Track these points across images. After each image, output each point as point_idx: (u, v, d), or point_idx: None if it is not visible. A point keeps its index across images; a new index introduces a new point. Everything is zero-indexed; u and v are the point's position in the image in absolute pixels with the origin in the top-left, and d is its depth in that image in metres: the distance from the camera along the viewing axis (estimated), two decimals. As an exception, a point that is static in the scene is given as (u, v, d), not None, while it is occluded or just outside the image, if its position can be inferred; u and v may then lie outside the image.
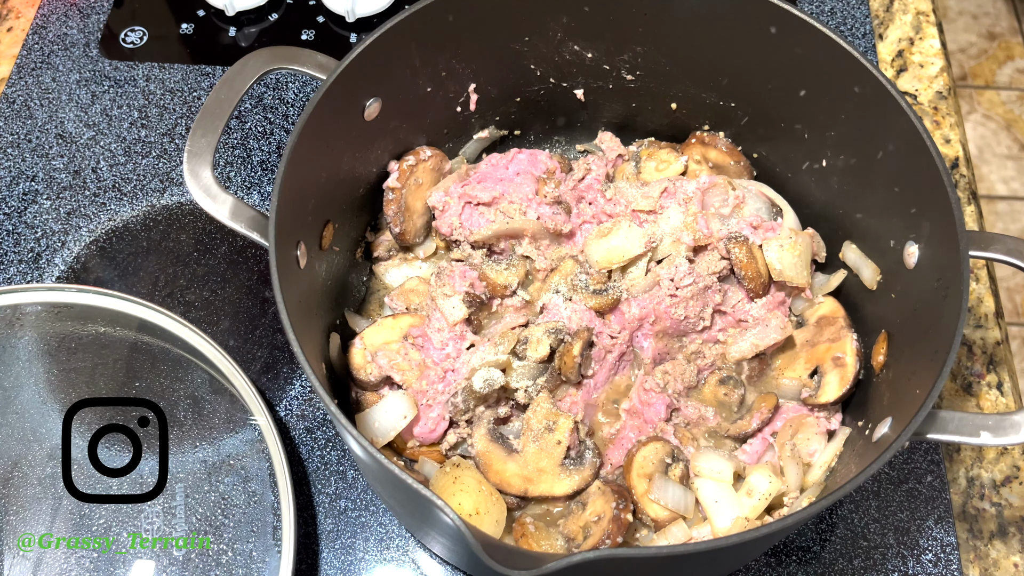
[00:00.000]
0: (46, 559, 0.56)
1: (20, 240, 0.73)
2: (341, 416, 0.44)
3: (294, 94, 0.82)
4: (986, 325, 0.71)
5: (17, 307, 0.64)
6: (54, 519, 0.57)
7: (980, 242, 0.53)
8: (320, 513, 0.62)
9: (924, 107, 0.83)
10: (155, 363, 0.63)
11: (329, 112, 0.55)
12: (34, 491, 0.58)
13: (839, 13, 0.87)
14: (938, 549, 0.61)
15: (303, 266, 0.55)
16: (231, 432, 0.61)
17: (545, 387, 0.58)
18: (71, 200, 0.75)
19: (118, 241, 0.74)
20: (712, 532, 0.56)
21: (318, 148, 0.56)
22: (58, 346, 0.64)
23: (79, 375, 0.63)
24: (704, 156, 0.69)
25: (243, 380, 0.60)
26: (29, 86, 0.81)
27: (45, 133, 0.79)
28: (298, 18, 0.86)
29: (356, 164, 0.62)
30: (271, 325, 0.70)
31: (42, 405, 0.61)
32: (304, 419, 0.66)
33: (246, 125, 0.80)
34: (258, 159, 0.78)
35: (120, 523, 0.57)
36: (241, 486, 0.59)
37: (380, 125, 0.61)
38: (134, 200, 0.76)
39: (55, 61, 0.83)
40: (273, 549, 0.56)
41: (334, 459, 0.64)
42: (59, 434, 0.60)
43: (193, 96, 0.81)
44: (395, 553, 0.61)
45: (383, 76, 0.59)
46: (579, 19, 0.64)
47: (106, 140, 0.78)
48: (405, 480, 0.43)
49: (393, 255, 0.68)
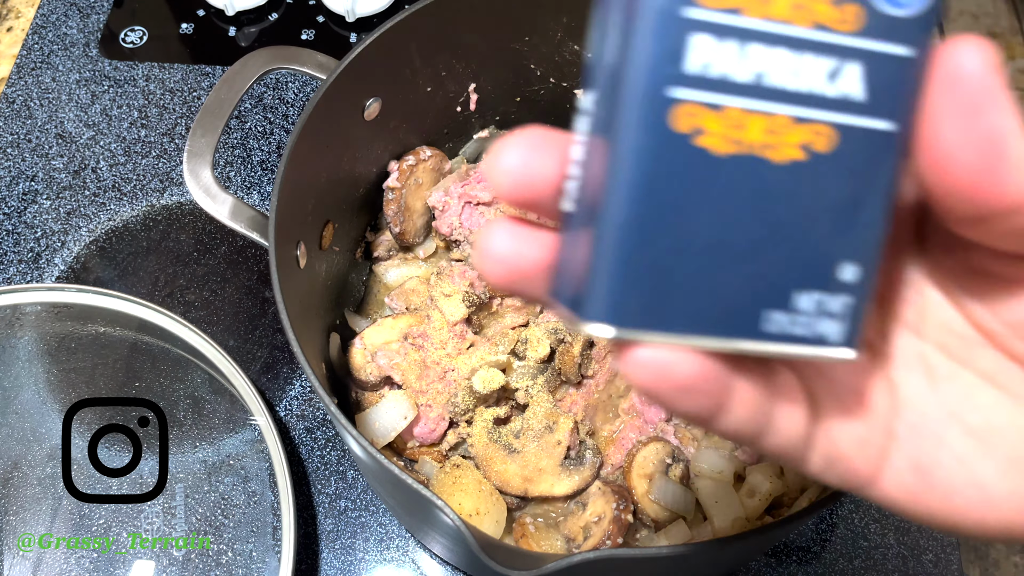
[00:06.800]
0: (46, 559, 0.56)
1: (20, 240, 0.73)
2: (341, 416, 0.44)
3: (294, 94, 0.81)
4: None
5: (17, 307, 0.64)
6: (54, 519, 0.57)
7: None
8: (320, 513, 0.62)
9: (925, 107, 0.82)
10: (155, 363, 0.63)
11: (329, 112, 0.55)
12: (34, 491, 0.58)
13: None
14: (938, 549, 0.61)
15: (303, 266, 0.55)
16: (231, 432, 0.61)
17: (545, 387, 0.58)
18: (71, 200, 0.75)
19: (118, 241, 0.73)
20: (712, 532, 0.56)
21: (318, 148, 0.56)
22: (58, 346, 0.64)
23: (79, 375, 0.62)
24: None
25: (243, 380, 0.60)
26: (29, 86, 0.81)
27: (45, 133, 0.79)
28: (298, 18, 0.86)
29: (356, 164, 0.62)
30: (271, 325, 0.69)
31: (42, 405, 0.61)
32: (304, 419, 0.65)
33: (246, 125, 0.79)
34: (258, 159, 0.78)
35: (120, 523, 0.57)
36: (241, 486, 0.59)
37: (380, 125, 0.61)
38: (134, 200, 0.76)
39: (55, 61, 0.83)
40: (273, 549, 0.56)
41: (334, 459, 0.64)
42: (59, 434, 0.60)
43: (193, 96, 0.81)
44: (395, 553, 0.61)
45: (383, 76, 0.59)
46: (580, 19, 0.64)
47: (106, 140, 0.78)
48: (405, 480, 0.43)
49: (393, 255, 0.68)
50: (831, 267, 0.20)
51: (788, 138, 0.18)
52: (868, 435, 0.22)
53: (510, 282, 0.21)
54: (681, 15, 0.17)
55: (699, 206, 0.18)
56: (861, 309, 0.20)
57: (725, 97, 0.18)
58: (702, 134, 0.18)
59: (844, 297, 0.20)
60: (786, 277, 0.19)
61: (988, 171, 0.18)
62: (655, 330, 0.19)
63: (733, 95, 0.18)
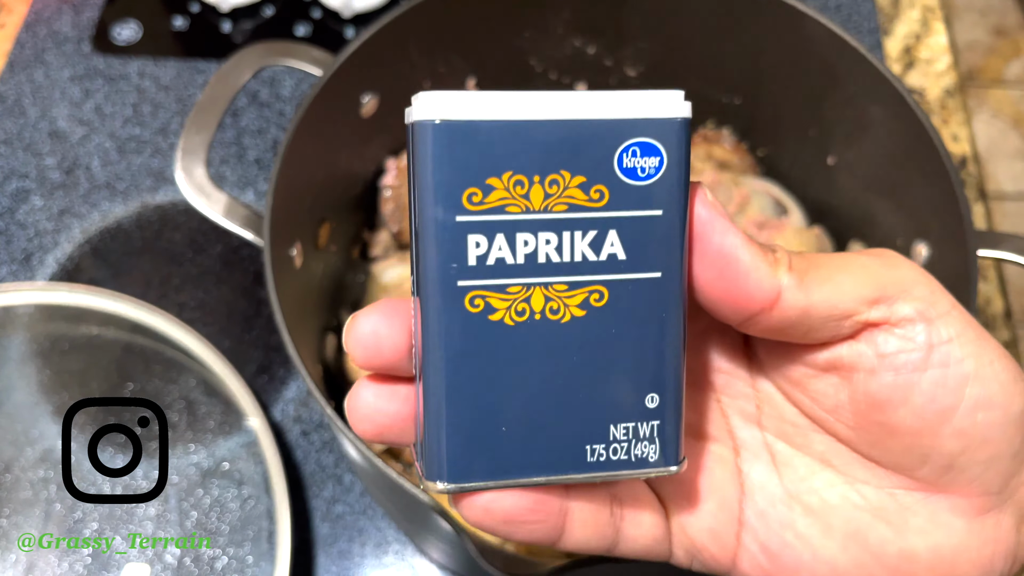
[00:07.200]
0: (40, 563, 0.56)
1: (12, 239, 0.72)
2: (338, 419, 0.43)
3: (289, 90, 0.81)
4: (995, 326, 0.71)
5: (8, 308, 0.63)
6: (46, 522, 0.57)
7: (989, 241, 0.52)
8: (316, 518, 0.61)
9: (931, 104, 0.82)
10: (148, 364, 0.62)
11: (325, 109, 0.54)
12: (26, 495, 0.58)
13: (845, 8, 0.86)
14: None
15: (299, 266, 0.54)
16: (225, 435, 0.60)
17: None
18: (63, 199, 0.74)
19: (111, 240, 0.73)
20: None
21: (314, 145, 0.55)
22: (50, 347, 0.63)
23: (72, 376, 0.62)
24: (709, 154, 0.68)
25: (238, 382, 0.59)
26: (21, 83, 0.80)
27: (37, 131, 0.78)
28: (293, 13, 0.85)
29: (353, 161, 0.61)
30: (266, 326, 0.69)
31: (34, 407, 0.61)
32: (300, 422, 0.65)
33: (240, 122, 0.78)
34: (253, 156, 0.77)
35: (112, 528, 0.57)
36: (236, 490, 0.58)
37: (377, 122, 0.61)
38: (127, 198, 0.75)
39: (48, 58, 0.82)
40: (268, 554, 0.56)
41: (330, 463, 0.63)
42: (52, 436, 0.59)
43: (187, 92, 0.80)
44: (392, 558, 0.60)
45: (380, 72, 0.58)
46: (581, 13, 0.63)
47: (99, 137, 0.77)
48: (403, 485, 0.42)
49: (390, 254, 0.67)
50: (636, 399, 0.23)
51: (568, 301, 0.22)
52: (718, 526, 0.25)
53: (378, 436, 0.23)
54: (456, 221, 0.21)
55: (505, 369, 0.22)
56: (674, 429, 0.23)
57: (505, 279, 0.22)
58: (494, 311, 0.22)
59: (655, 422, 0.23)
60: (598, 414, 0.23)
61: (729, 283, 0.22)
62: (483, 480, 0.22)
63: (512, 276, 0.22)
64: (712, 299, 0.23)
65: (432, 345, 0.22)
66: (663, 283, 0.22)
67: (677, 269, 0.22)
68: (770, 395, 0.26)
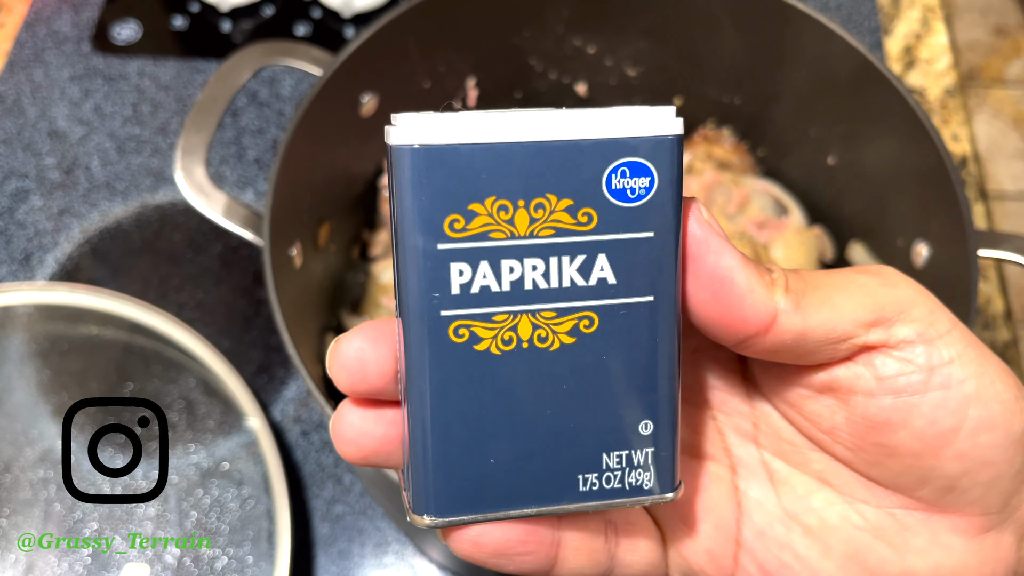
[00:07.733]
0: (39, 563, 0.55)
1: (11, 239, 0.72)
2: (336, 421, 0.43)
3: (289, 90, 0.80)
4: (995, 326, 0.70)
5: (8, 308, 0.63)
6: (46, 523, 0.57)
7: (989, 241, 0.52)
8: (316, 518, 0.61)
9: (932, 104, 0.82)
10: (148, 364, 0.62)
11: (325, 108, 0.54)
12: (26, 494, 0.57)
13: (845, 8, 0.86)
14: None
15: (299, 266, 0.54)
16: (225, 435, 0.60)
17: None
18: (63, 198, 0.74)
19: (111, 240, 0.73)
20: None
21: (314, 145, 0.55)
22: (50, 347, 0.63)
23: (71, 377, 0.62)
24: (709, 153, 0.68)
25: (237, 382, 0.59)
26: (21, 83, 0.80)
27: (37, 131, 0.78)
28: (293, 13, 0.85)
29: (353, 161, 0.61)
30: (266, 326, 0.69)
31: (33, 407, 0.60)
32: (300, 422, 0.65)
33: (240, 121, 0.78)
34: (252, 156, 0.77)
35: (112, 528, 0.57)
36: (235, 490, 0.58)
37: (377, 121, 0.60)
38: (127, 198, 0.74)
39: (47, 57, 0.82)
40: (268, 554, 0.56)
41: (330, 463, 0.63)
42: (52, 436, 0.59)
43: (187, 92, 0.80)
44: (393, 559, 0.60)
45: (380, 71, 0.58)
46: (581, 12, 0.63)
47: (99, 137, 0.77)
48: (402, 487, 0.42)
49: (390, 254, 0.67)
50: (629, 426, 0.22)
51: (557, 328, 0.21)
52: (716, 547, 0.25)
53: (364, 460, 0.23)
54: (437, 250, 0.20)
55: (493, 399, 0.21)
56: (669, 456, 0.23)
57: (490, 308, 0.21)
58: (479, 341, 0.21)
59: (649, 449, 0.22)
60: (590, 443, 0.22)
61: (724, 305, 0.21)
62: (472, 513, 0.22)
63: (497, 304, 0.21)
64: (706, 321, 0.22)
65: (416, 375, 0.21)
66: (655, 307, 0.22)
67: (670, 292, 0.22)
68: (766, 413, 0.25)
